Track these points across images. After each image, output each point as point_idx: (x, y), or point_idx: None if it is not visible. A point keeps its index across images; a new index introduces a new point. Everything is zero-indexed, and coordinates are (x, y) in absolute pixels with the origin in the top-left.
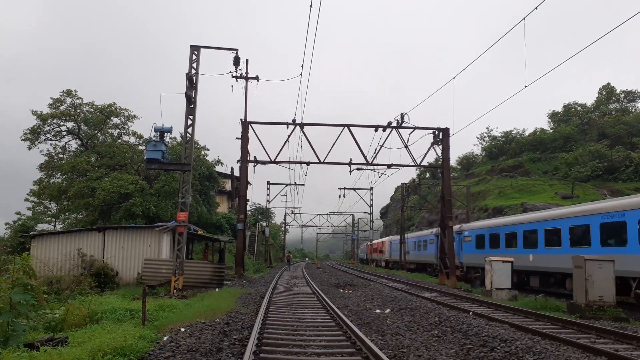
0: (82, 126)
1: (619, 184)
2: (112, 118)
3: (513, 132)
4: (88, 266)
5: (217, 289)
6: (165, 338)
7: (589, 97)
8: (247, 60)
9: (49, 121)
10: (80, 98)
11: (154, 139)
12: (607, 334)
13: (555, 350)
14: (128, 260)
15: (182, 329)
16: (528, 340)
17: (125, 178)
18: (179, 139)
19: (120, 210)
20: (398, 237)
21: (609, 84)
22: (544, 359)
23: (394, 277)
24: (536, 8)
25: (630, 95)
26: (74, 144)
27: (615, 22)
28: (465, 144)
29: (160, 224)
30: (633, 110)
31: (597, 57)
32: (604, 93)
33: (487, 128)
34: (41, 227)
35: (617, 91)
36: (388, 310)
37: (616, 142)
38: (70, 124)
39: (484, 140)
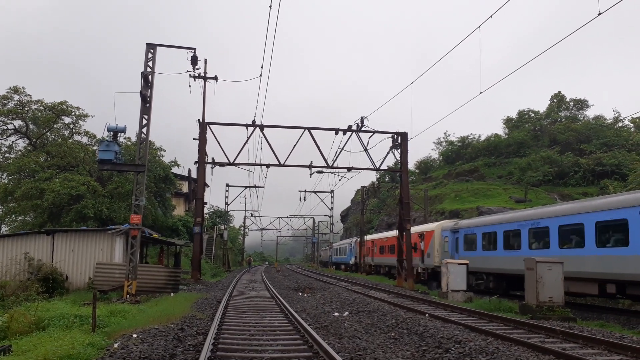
0: (31, 125)
1: (568, 189)
2: (62, 117)
3: (469, 137)
4: (35, 271)
5: (172, 294)
6: (116, 345)
7: (541, 104)
8: (205, 60)
9: None
10: (29, 95)
11: (107, 138)
12: (556, 333)
13: (506, 350)
14: (79, 265)
15: (134, 335)
16: (481, 341)
17: (76, 179)
18: (134, 139)
19: (70, 212)
20: (472, 220)
21: (559, 92)
22: (495, 359)
23: (353, 280)
24: (491, 17)
25: (579, 104)
26: (21, 143)
27: (564, 33)
28: (423, 149)
29: (113, 226)
30: (581, 118)
31: (550, 65)
32: (555, 101)
33: (444, 133)
34: None
35: (567, 99)
36: (346, 313)
37: (566, 149)
38: (17, 123)
39: (441, 145)
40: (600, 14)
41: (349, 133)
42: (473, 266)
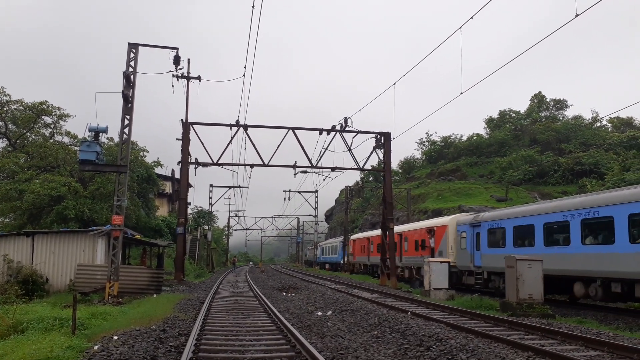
0: (10, 125)
1: (548, 188)
2: (43, 117)
3: (451, 137)
4: (15, 273)
5: (155, 295)
6: (96, 347)
7: (522, 104)
8: (188, 60)
9: None
10: (8, 95)
11: (88, 139)
12: (535, 330)
13: (486, 347)
14: (59, 266)
15: (115, 337)
16: (462, 339)
17: (57, 180)
18: (117, 139)
19: (51, 213)
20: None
21: (540, 92)
22: (475, 356)
23: (337, 279)
24: (472, 18)
25: (559, 104)
26: (0, 144)
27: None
28: (406, 148)
29: (94, 228)
30: (561, 118)
31: (531, 65)
32: (535, 101)
33: (426, 133)
34: None
35: (547, 99)
36: (330, 313)
37: (546, 148)
38: None
39: (424, 145)
40: (577, 15)
41: (333, 133)
42: (501, 266)
